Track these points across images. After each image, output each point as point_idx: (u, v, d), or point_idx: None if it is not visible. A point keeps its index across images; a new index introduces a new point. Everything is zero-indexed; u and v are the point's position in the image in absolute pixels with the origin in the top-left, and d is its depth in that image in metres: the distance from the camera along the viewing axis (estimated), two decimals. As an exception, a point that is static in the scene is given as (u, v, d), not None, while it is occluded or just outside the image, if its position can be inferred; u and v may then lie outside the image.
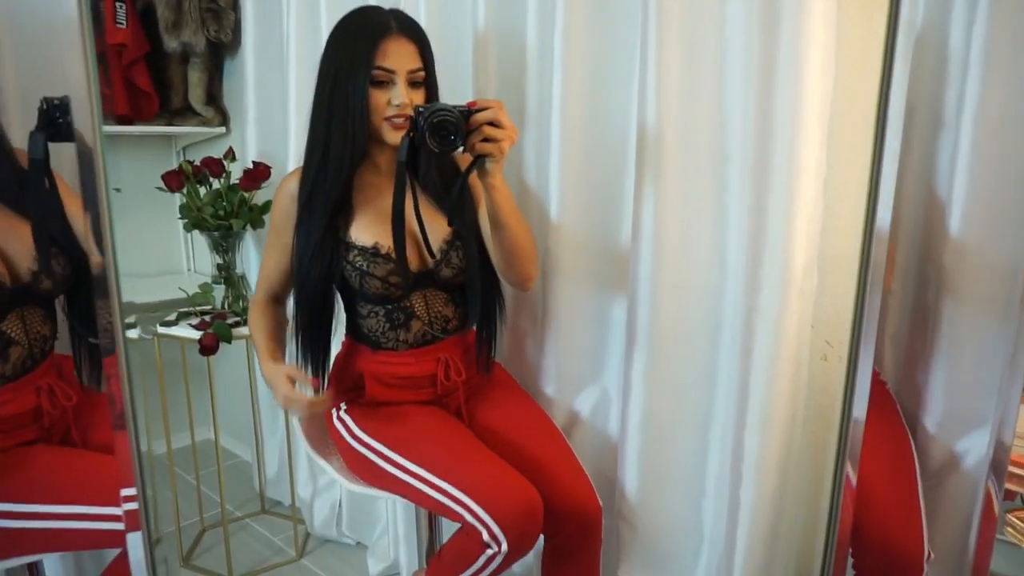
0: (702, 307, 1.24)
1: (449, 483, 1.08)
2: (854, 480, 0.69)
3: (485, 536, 1.02)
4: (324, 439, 1.34)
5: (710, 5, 1.15)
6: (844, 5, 1.06)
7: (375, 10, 1.18)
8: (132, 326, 1.80)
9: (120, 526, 0.93)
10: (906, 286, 1.26)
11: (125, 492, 0.62)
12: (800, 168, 1.05)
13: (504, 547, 1.02)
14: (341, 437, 1.25)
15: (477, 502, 1.04)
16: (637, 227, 1.25)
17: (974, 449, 1.16)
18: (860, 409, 0.67)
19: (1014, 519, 0.69)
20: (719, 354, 1.25)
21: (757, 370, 1.13)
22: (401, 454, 1.15)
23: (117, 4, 1.82)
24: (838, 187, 1.07)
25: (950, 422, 1.20)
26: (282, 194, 1.25)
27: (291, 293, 1.34)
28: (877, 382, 1.29)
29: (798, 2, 1.03)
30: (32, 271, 1.12)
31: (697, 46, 1.17)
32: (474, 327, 1.33)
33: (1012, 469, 0.84)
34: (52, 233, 1.09)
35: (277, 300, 1.36)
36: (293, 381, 1.15)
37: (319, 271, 1.20)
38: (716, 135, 1.19)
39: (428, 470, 1.11)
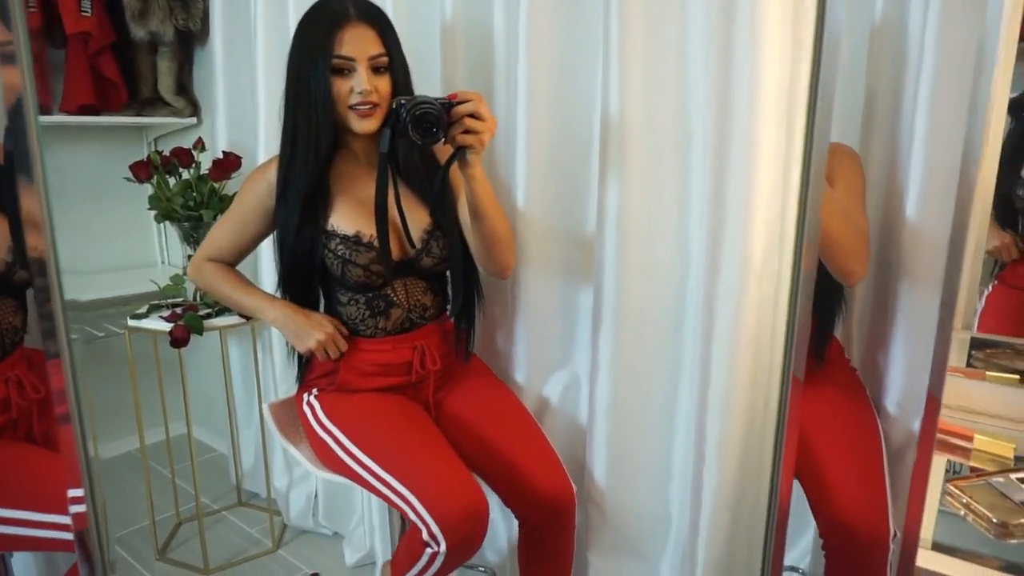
0: (666, 292, 1.25)
1: (396, 478, 1.09)
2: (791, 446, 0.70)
3: (425, 535, 1.03)
4: (294, 425, 1.35)
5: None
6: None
7: (331, 1, 1.17)
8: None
9: (67, 535, 0.93)
10: (871, 271, 1.28)
11: (73, 493, 0.61)
12: (757, 152, 1.06)
13: (443, 547, 1.03)
14: (307, 421, 1.26)
15: (419, 500, 1.05)
16: (602, 213, 1.26)
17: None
18: (799, 369, 0.68)
19: (953, 488, 0.71)
20: (683, 338, 1.26)
21: (718, 354, 1.14)
22: (356, 444, 1.16)
23: (82, -7, 1.79)
24: (795, 171, 1.08)
25: (909, 402, 1.22)
26: (260, 179, 1.25)
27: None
28: (847, 368, 1.31)
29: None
30: (6, 262, 1.12)
31: (658, 32, 1.18)
32: (451, 316, 1.33)
33: (948, 439, 0.86)
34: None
35: (227, 264, 1.36)
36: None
37: (302, 259, 1.21)
38: (678, 120, 1.20)
39: (378, 463, 1.12)
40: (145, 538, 1.92)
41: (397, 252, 1.22)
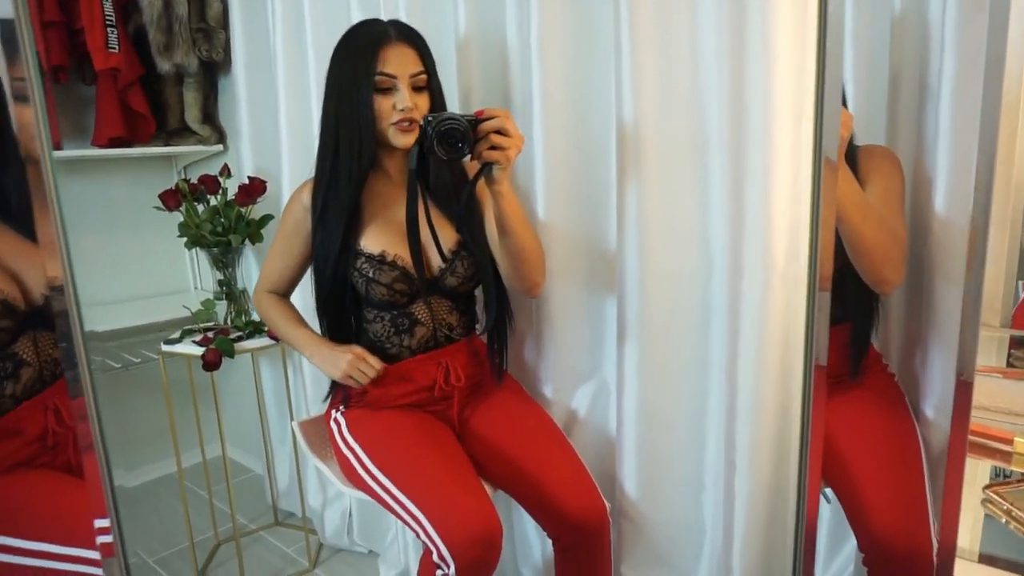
0: (690, 296, 1.24)
1: (410, 499, 1.10)
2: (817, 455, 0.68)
3: (435, 556, 1.04)
4: (324, 442, 1.36)
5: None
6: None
7: (374, 22, 1.22)
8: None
9: (96, 570, 0.95)
10: (905, 270, 1.24)
11: (99, 524, 0.62)
12: (775, 153, 1.04)
13: (452, 570, 1.02)
14: (333, 437, 1.27)
15: (431, 522, 1.06)
16: (622, 220, 1.25)
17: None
18: (821, 357, 0.66)
19: (993, 495, 0.68)
20: (709, 343, 1.24)
21: (745, 357, 1.12)
22: (375, 462, 1.17)
23: (108, 30, 1.85)
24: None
25: (947, 406, 1.17)
26: (295, 203, 1.27)
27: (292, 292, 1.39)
28: (884, 373, 1.27)
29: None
30: (45, 296, 1.14)
31: (670, 36, 1.17)
32: (480, 334, 1.34)
33: (988, 442, 0.83)
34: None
35: (282, 296, 1.39)
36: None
37: (339, 279, 1.24)
38: (693, 124, 1.19)
39: (394, 482, 1.13)
40: (185, 559, 1.95)
41: (424, 270, 1.23)
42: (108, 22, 1.85)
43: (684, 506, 1.34)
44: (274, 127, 1.81)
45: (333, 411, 1.31)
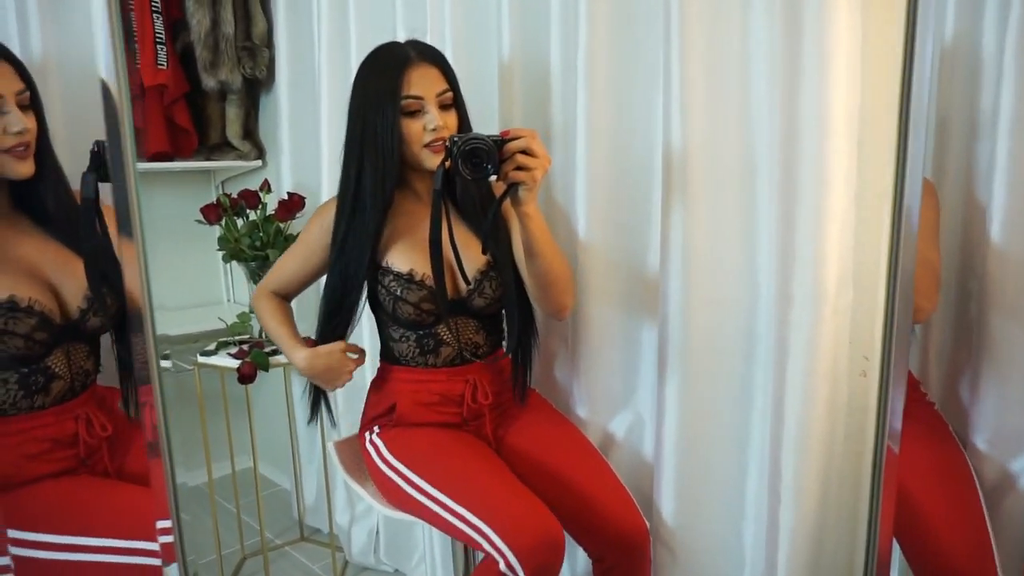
0: (734, 324, 1.22)
1: (469, 511, 1.08)
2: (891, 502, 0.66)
3: (502, 566, 1.01)
4: (358, 464, 1.35)
5: (732, 18, 1.15)
6: (868, 14, 1.04)
7: (394, 44, 1.22)
8: (166, 356, 1.85)
9: (155, 561, 0.95)
10: (948, 299, 1.22)
11: (161, 524, 0.63)
12: (828, 180, 1.03)
13: None
14: (372, 460, 1.26)
15: (495, 531, 1.03)
16: (666, 245, 1.24)
17: (1031, 467, 1.11)
18: (896, 422, 0.65)
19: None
20: (754, 372, 1.22)
21: (792, 387, 1.10)
22: (425, 479, 1.15)
23: (158, 47, 1.89)
24: (869, 199, 1.05)
25: (1002, 440, 1.14)
26: (326, 214, 1.26)
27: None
28: (924, 402, 1.24)
29: (821, 12, 1.02)
30: (81, 309, 1.15)
31: (720, 60, 1.17)
32: (506, 355, 1.33)
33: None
34: (103, 270, 1.11)
35: (285, 297, 1.38)
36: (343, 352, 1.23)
37: (355, 297, 1.23)
38: (742, 149, 1.18)
39: (450, 496, 1.11)
40: (212, 572, 1.95)
41: (450, 290, 1.22)
42: (158, 39, 1.89)
43: (724, 536, 1.31)
44: (315, 144, 1.83)
45: (368, 433, 1.30)
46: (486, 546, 1.04)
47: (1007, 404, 1.12)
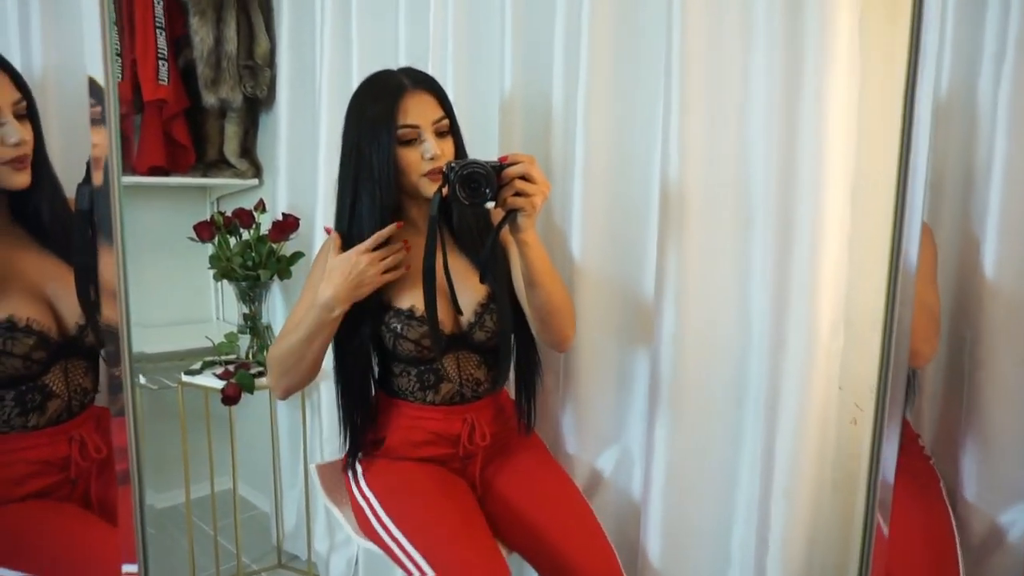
0: (727, 366, 1.21)
1: (423, 556, 1.06)
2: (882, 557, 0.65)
3: None
4: (340, 487, 1.32)
5: (733, 60, 1.16)
6: (868, 62, 1.05)
7: (387, 72, 1.19)
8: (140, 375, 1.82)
9: None
10: (941, 345, 1.22)
11: (126, 569, 0.60)
12: (823, 225, 1.03)
13: None
14: (349, 485, 1.24)
15: None
16: (660, 284, 1.23)
17: (1021, 521, 1.09)
18: (888, 473, 0.64)
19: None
20: (744, 415, 1.21)
21: (783, 433, 1.09)
22: (389, 514, 1.13)
23: (160, 62, 1.90)
24: (863, 244, 1.04)
25: (992, 492, 1.13)
26: (321, 260, 1.20)
27: None
28: (920, 455, 1.22)
29: (821, 59, 1.03)
30: (79, 324, 1.12)
31: (719, 104, 1.17)
32: (508, 389, 1.31)
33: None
34: (95, 284, 1.10)
35: None
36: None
37: (363, 335, 1.19)
38: (739, 192, 1.18)
39: (408, 538, 1.09)
40: (185, 597, 1.90)
41: (449, 325, 1.20)
42: (160, 55, 1.89)
43: (709, 581, 1.28)
44: (312, 165, 1.83)
45: (350, 458, 1.27)
46: None
47: (998, 454, 1.11)
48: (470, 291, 1.19)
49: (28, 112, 1.09)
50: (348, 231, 1.17)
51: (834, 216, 1.04)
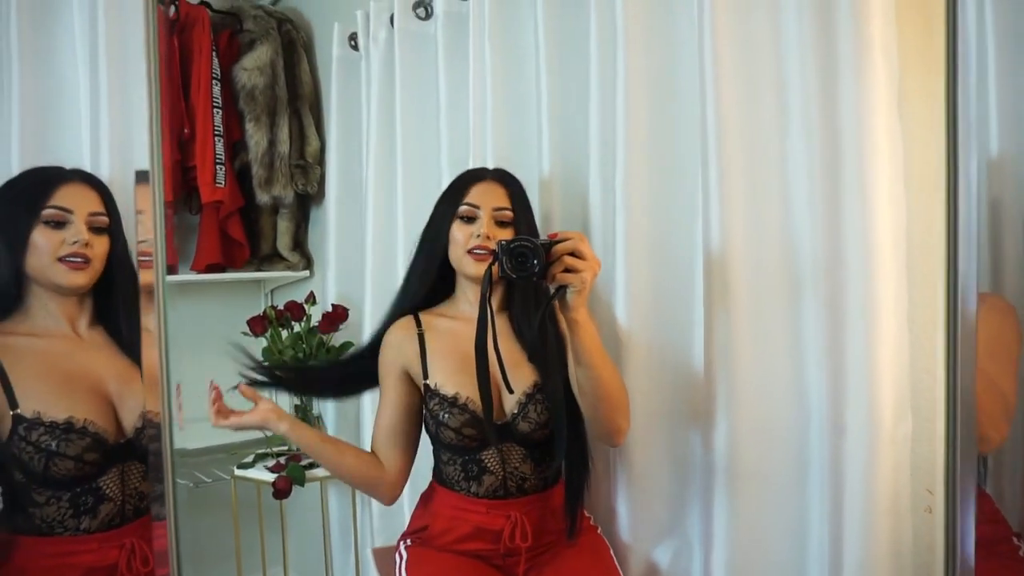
0: (785, 450, 1.15)
1: None
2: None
3: None
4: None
5: (771, 136, 1.15)
6: (908, 127, 1.03)
7: (477, 168, 1.32)
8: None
9: None
10: (1015, 431, 1.14)
11: None
12: (876, 301, 0.99)
13: None
14: (395, 569, 1.23)
15: None
16: (709, 365, 1.20)
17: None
18: (967, 563, 0.59)
19: None
20: (808, 504, 1.13)
21: (850, 523, 1.02)
22: None
23: (217, 167, 2.00)
24: (923, 324, 1.00)
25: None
26: (384, 349, 1.27)
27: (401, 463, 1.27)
28: (1008, 541, 1.12)
29: (859, 126, 1.02)
30: (137, 428, 1.13)
31: (760, 176, 1.16)
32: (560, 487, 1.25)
33: None
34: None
35: (381, 459, 1.26)
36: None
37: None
38: (785, 267, 1.15)
39: None
40: None
41: (496, 412, 1.17)
42: (218, 160, 2.00)
43: None
44: (360, 256, 1.88)
45: (401, 543, 1.27)
46: None
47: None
48: (517, 378, 1.16)
49: (109, 227, 1.16)
50: (404, 287, 1.30)
51: (887, 292, 1.00)
